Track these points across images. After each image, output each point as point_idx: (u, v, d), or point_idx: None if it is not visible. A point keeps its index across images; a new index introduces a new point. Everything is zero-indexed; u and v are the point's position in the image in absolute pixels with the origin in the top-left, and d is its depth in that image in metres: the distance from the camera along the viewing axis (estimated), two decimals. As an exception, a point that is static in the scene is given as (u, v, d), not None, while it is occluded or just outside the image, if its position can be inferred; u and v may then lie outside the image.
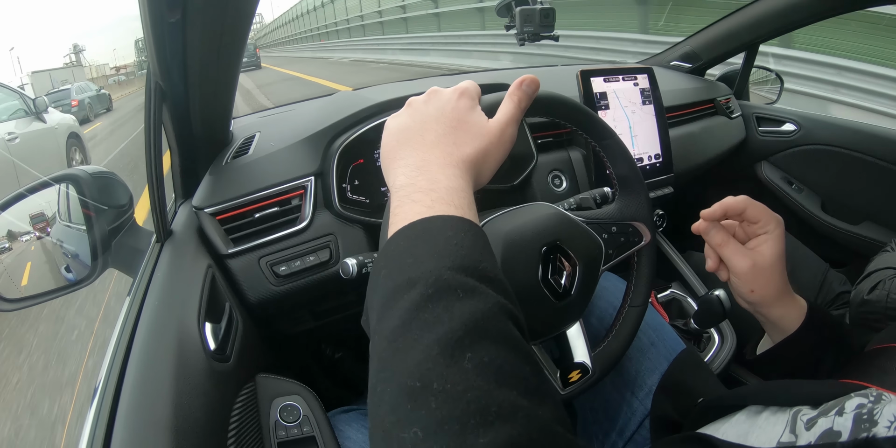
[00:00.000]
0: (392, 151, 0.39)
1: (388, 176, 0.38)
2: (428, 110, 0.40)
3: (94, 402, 0.45)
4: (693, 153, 1.20)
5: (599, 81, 0.98)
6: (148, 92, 0.58)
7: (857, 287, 0.84)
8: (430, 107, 0.41)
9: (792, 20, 1.19)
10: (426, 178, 0.35)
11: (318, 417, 0.56)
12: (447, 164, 0.37)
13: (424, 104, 0.41)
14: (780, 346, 0.54)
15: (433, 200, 0.33)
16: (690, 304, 0.95)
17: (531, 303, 0.48)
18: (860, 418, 0.33)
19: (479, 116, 0.41)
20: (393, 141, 0.40)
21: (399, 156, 0.38)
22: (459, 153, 0.38)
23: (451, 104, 0.40)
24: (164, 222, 0.66)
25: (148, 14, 0.46)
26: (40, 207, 0.69)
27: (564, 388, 0.52)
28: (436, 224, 0.31)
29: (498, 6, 0.93)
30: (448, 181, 0.35)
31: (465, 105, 0.41)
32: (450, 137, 0.39)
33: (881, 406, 0.33)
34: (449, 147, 0.38)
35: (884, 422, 0.32)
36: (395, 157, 0.38)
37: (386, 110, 0.77)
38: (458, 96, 0.41)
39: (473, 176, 0.38)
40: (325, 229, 0.74)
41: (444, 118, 0.40)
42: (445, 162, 0.37)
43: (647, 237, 0.58)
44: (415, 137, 0.39)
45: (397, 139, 0.40)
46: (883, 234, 1.20)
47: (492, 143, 0.40)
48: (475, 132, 0.40)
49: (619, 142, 0.55)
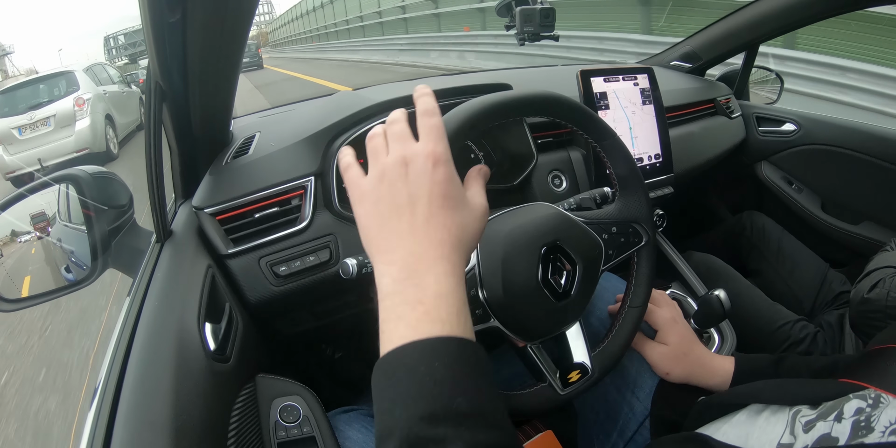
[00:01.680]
0: (374, 239, 0.36)
1: (375, 268, 0.35)
2: (406, 185, 0.36)
3: (94, 402, 0.45)
4: (693, 153, 1.20)
5: (599, 81, 0.98)
6: (148, 92, 0.58)
7: (856, 286, 0.84)
8: (408, 180, 0.36)
9: (792, 20, 1.19)
10: (414, 283, 0.33)
11: (318, 418, 0.56)
12: (438, 257, 0.34)
13: (399, 175, 0.36)
14: None
15: (418, 319, 0.31)
16: (690, 304, 0.95)
17: (531, 303, 0.48)
18: (858, 425, 0.33)
19: (460, 188, 0.38)
20: (374, 224, 0.36)
21: (383, 248, 0.35)
22: (451, 239, 0.35)
23: (430, 177, 0.36)
24: (164, 222, 0.66)
25: (148, 14, 0.46)
26: (40, 207, 0.69)
27: (564, 389, 0.52)
28: (413, 356, 0.30)
29: (498, 6, 0.93)
30: (438, 285, 0.33)
31: (444, 176, 0.36)
32: (438, 220, 0.35)
33: (879, 411, 0.33)
34: (439, 233, 0.35)
35: (879, 427, 0.32)
36: (379, 248, 0.35)
37: (386, 110, 0.77)
38: (433, 165, 0.36)
39: (465, 260, 0.36)
40: (325, 229, 0.73)
41: (426, 196, 0.35)
42: (437, 255, 0.34)
43: (647, 238, 0.58)
44: (398, 222, 0.35)
45: (378, 223, 0.36)
46: (883, 234, 1.20)
47: (477, 219, 0.38)
48: (462, 209, 0.37)
49: (619, 142, 0.55)
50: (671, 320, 0.65)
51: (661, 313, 0.65)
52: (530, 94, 0.49)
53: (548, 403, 0.52)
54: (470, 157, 0.91)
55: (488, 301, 0.48)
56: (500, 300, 0.48)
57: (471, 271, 0.49)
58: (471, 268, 0.49)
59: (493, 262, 0.48)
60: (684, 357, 0.62)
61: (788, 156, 1.35)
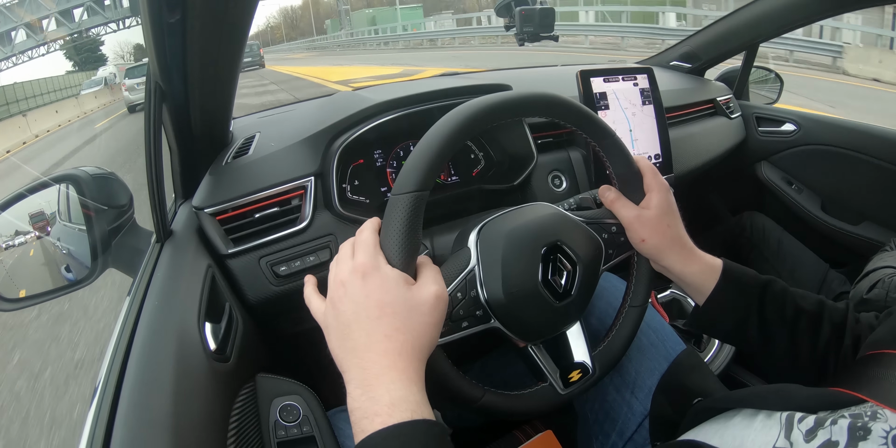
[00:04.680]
0: (337, 359, 0.39)
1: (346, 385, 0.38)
2: (346, 304, 0.39)
3: (93, 401, 0.45)
4: (693, 153, 1.20)
5: (599, 81, 0.98)
6: (148, 92, 0.58)
7: (856, 286, 0.84)
8: (347, 299, 0.39)
9: (792, 20, 1.19)
10: (369, 397, 0.36)
11: (318, 417, 0.56)
12: (385, 367, 0.37)
13: (339, 297, 0.40)
14: (706, 307, 0.56)
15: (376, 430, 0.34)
16: (690, 304, 0.95)
17: (531, 304, 0.48)
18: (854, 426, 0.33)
19: (400, 287, 0.39)
20: (334, 347, 0.40)
21: (343, 367, 0.38)
22: (395, 346, 0.37)
23: (362, 291, 0.39)
24: (164, 222, 0.66)
25: (148, 14, 0.46)
26: (39, 207, 0.69)
27: (565, 388, 0.52)
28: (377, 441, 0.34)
29: (498, 6, 0.93)
30: (389, 395, 0.35)
31: (375, 284, 0.39)
32: (378, 331, 0.38)
33: (877, 423, 0.33)
34: (381, 344, 0.37)
35: (877, 435, 0.32)
36: (341, 367, 0.39)
37: (386, 110, 0.77)
38: (361, 278, 0.39)
39: (420, 356, 0.39)
40: (325, 229, 0.73)
41: (363, 310, 0.38)
42: (383, 366, 0.37)
43: None
44: (348, 341, 0.38)
45: (337, 344, 0.39)
46: (882, 234, 1.20)
47: (425, 313, 0.39)
48: (403, 311, 0.39)
49: (617, 141, 0.55)
50: (666, 188, 0.57)
51: (660, 179, 0.57)
52: (527, 95, 0.49)
53: (549, 403, 0.52)
54: (470, 157, 0.91)
55: (488, 302, 0.48)
56: (500, 301, 0.47)
57: (471, 273, 0.48)
58: (471, 269, 0.49)
59: (493, 263, 0.48)
60: (666, 228, 0.56)
61: (788, 156, 1.35)
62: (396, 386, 0.36)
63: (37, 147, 10.24)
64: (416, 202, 0.41)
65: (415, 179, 0.42)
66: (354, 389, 0.37)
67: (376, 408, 0.35)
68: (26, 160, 8.86)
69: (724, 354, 0.91)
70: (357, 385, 0.37)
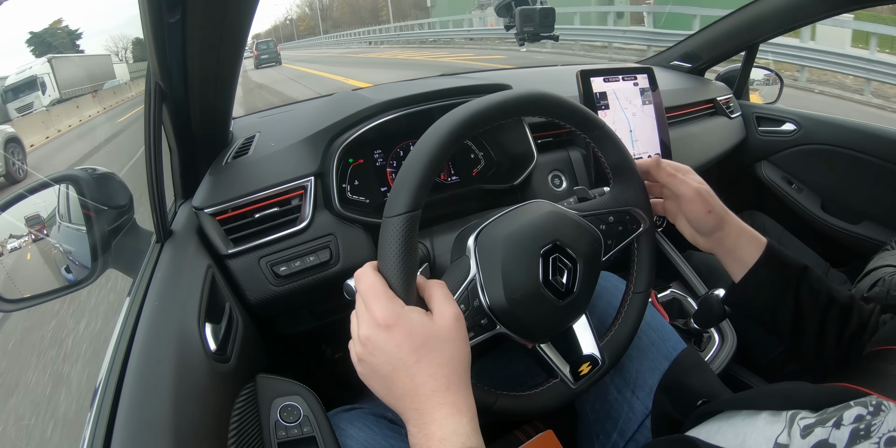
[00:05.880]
0: (389, 404, 0.41)
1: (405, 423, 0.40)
2: (379, 358, 0.40)
3: (94, 402, 0.45)
4: (693, 153, 1.20)
5: (599, 81, 0.98)
6: (148, 92, 0.58)
7: (857, 285, 0.84)
8: (379, 354, 0.40)
9: (792, 20, 1.19)
10: (424, 434, 0.38)
11: (319, 417, 0.56)
12: (435, 405, 0.38)
13: (369, 353, 0.40)
14: (744, 281, 0.57)
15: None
16: (690, 304, 0.95)
17: (535, 306, 0.48)
18: (857, 433, 0.33)
19: (423, 322, 0.40)
20: (383, 395, 0.41)
21: (398, 410, 0.40)
22: (440, 382, 0.39)
23: (392, 344, 0.39)
24: (164, 222, 0.66)
25: (148, 14, 0.46)
26: (36, 208, 0.69)
27: (576, 382, 0.52)
28: None
29: (498, 6, 0.93)
30: (441, 431, 0.38)
31: (402, 333, 0.40)
32: (422, 373, 0.39)
33: (879, 419, 0.33)
34: (428, 384, 0.39)
35: (878, 434, 0.32)
36: (395, 408, 0.41)
37: (386, 110, 0.77)
38: (386, 332, 0.40)
39: (465, 381, 0.40)
40: (325, 229, 0.73)
41: (400, 360, 0.39)
42: (433, 404, 0.38)
43: (646, 222, 0.58)
44: (394, 389, 0.40)
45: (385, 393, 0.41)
46: (883, 234, 1.20)
47: (453, 339, 0.41)
48: (436, 345, 0.40)
49: (608, 131, 0.55)
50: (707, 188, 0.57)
51: (675, 164, 0.57)
52: (514, 95, 0.48)
53: (561, 399, 0.52)
54: (470, 157, 0.91)
55: (492, 309, 0.47)
56: (503, 307, 0.47)
57: (472, 282, 0.48)
58: (472, 278, 0.48)
59: (493, 270, 0.48)
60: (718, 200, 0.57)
61: (788, 155, 1.35)
62: (448, 421, 0.38)
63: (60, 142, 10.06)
64: (409, 223, 0.42)
65: (404, 201, 0.42)
66: (412, 428, 0.39)
67: (430, 443, 0.37)
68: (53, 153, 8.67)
69: (725, 354, 0.91)
70: (413, 424, 0.39)
